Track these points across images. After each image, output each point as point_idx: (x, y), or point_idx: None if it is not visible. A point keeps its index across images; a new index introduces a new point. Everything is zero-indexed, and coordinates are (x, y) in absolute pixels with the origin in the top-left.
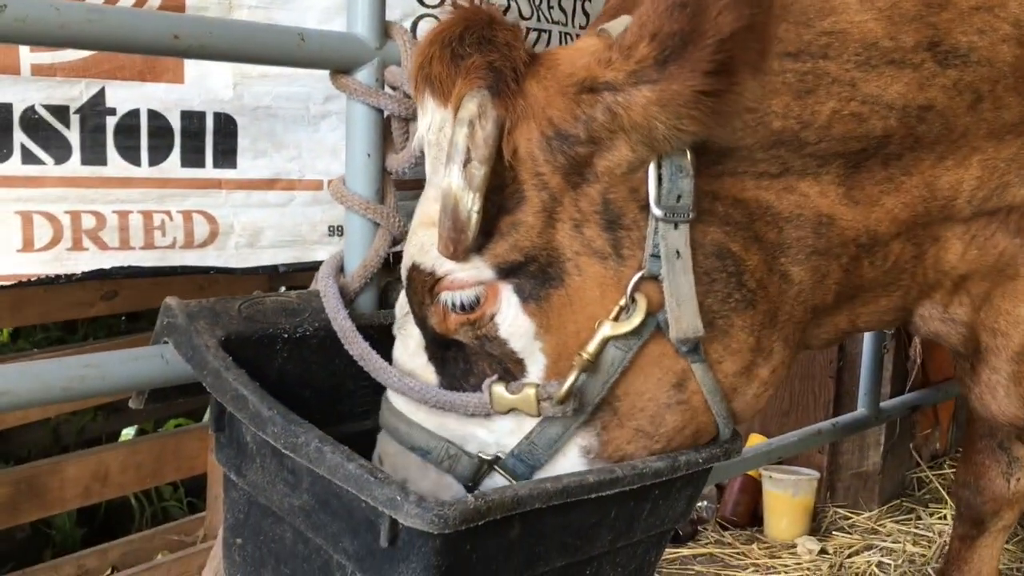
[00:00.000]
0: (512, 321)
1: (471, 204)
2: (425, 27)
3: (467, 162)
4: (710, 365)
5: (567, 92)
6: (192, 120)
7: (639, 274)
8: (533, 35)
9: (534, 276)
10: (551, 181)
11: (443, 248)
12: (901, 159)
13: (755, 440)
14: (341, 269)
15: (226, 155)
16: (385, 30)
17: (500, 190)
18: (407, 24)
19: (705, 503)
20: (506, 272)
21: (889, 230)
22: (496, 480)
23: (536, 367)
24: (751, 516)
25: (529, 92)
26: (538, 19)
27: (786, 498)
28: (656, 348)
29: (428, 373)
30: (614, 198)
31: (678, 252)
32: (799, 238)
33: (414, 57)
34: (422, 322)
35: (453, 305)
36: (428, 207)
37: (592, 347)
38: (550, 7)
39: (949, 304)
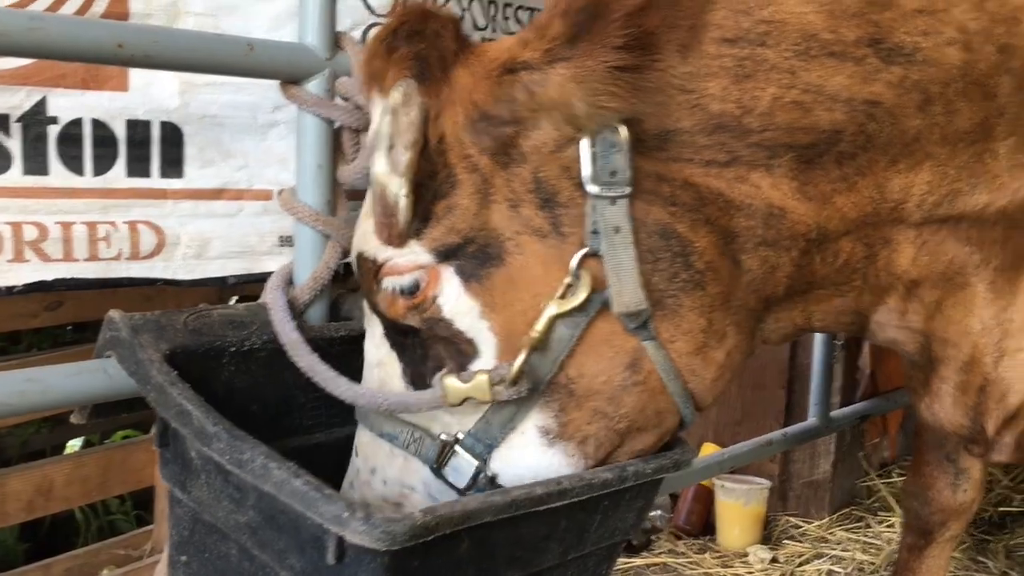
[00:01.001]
0: (455, 302)
1: (398, 188)
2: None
3: (391, 148)
4: (662, 344)
5: (491, 75)
6: (137, 129)
7: (582, 251)
8: None
9: (474, 257)
10: (481, 163)
11: (378, 234)
12: (855, 159)
13: (708, 449)
14: (290, 281)
15: (172, 164)
16: (336, 41)
17: (433, 176)
18: (358, 32)
19: (659, 512)
20: (445, 255)
21: (838, 228)
22: (460, 459)
23: (487, 347)
24: (704, 525)
25: (456, 79)
26: (493, 30)
27: (738, 507)
28: (605, 326)
29: (392, 360)
30: (546, 176)
31: (617, 228)
32: (749, 227)
33: (362, 57)
34: (375, 309)
35: (396, 290)
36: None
37: (540, 325)
38: (505, 18)
39: (905, 311)
